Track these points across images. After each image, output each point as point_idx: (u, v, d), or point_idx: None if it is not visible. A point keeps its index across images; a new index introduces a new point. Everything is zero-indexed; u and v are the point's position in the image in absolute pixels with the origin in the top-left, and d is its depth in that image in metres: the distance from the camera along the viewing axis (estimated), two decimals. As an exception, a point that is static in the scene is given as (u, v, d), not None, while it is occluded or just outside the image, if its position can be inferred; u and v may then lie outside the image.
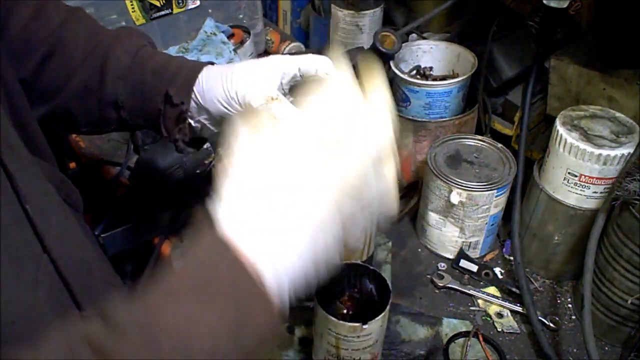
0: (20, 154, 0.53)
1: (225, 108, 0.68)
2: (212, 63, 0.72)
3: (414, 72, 1.15)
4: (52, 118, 0.73)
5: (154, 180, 1.04)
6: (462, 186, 0.93)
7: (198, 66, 0.71)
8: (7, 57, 0.64)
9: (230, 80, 0.67)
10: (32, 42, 0.70)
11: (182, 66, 0.71)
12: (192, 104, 0.70)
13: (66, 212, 0.61)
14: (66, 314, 0.54)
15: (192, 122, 0.71)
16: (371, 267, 0.81)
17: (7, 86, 0.58)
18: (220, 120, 0.70)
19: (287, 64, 0.68)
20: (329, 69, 0.67)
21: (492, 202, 0.95)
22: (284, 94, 0.69)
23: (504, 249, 1.05)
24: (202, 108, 0.70)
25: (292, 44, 1.42)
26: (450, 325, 0.91)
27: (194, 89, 0.69)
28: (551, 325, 0.91)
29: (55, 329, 0.42)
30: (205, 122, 0.71)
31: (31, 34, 0.70)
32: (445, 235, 1.01)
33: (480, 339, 0.87)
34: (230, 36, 1.30)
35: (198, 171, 1.08)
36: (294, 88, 0.69)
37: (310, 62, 0.68)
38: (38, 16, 0.71)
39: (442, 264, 1.02)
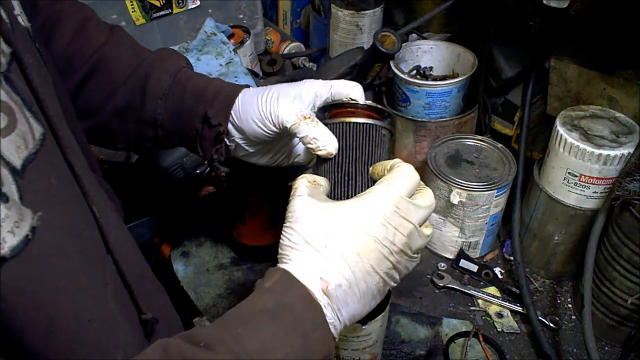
0: (81, 158, 0.55)
1: (260, 128, 0.70)
2: (247, 86, 0.75)
3: (414, 72, 1.15)
4: (92, 134, 0.76)
5: (155, 179, 1.05)
6: (462, 186, 0.93)
7: (236, 89, 0.73)
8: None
9: (265, 100, 0.69)
10: (74, 60, 0.74)
11: (221, 89, 0.73)
12: (229, 125, 0.72)
13: (117, 217, 0.63)
14: (130, 318, 0.56)
15: (227, 141, 0.74)
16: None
17: (62, 102, 0.60)
18: (255, 141, 0.73)
19: (320, 87, 0.71)
20: (359, 95, 0.69)
21: (492, 202, 0.95)
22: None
23: (504, 249, 1.05)
24: (238, 128, 0.72)
25: (292, 44, 1.42)
26: (450, 325, 0.91)
27: (231, 110, 0.72)
28: (551, 325, 0.91)
29: (154, 344, 0.47)
30: (240, 142, 0.74)
31: (74, 52, 0.74)
32: (445, 235, 1.01)
33: (480, 339, 0.87)
34: (230, 36, 1.30)
35: (198, 171, 1.08)
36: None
37: (342, 87, 0.70)
38: (80, 35, 0.74)
39: (442, 264, 1.02)
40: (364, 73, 1.08)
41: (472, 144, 1.02)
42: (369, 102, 0.65)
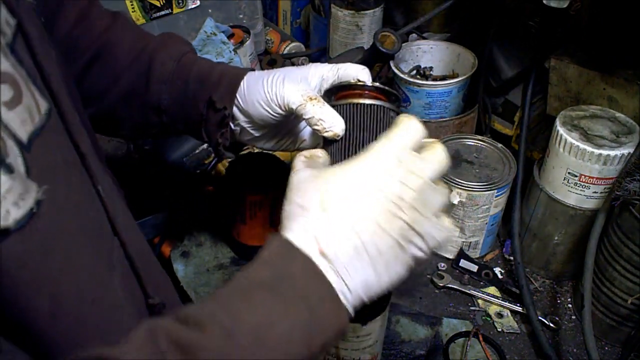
0: (86, 137, 0.54)
1: (266, 110, 0.69)
2: (252, 69, 0.74)
3: (414, 72, 1.15)
4: (97, 120, 0.75)
5: (155, 179, 1.05)
6: (462, 186, 0.93)
7: (241, 72, 0.72)
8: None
9: (271, 82, 0.68)
10: (77, 47, 0.73)
11: (225, 72, 0.72)
12: (234, 108, 0.72)
13: (123, 203, 0.62)
14: (136, 302, 0.55)
15: (232, 125, 0.73)
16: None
17: (67, 83, 0.60)
18: (261, 124, 0.72)
19: (327, 70, 0.70)
20: (366, 78, 0.67)
21: (492, 202, 0.95)
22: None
23: (504, 249, 1.05)
24: (244, 111, 0.71)
25: (292, 44, 1.42)
26: (450, 325, 0.91)
27: (236, 94, 0.71)
28: (551, 325, 0.91)
29: (138, 326, 0.43)
30: (246, 125, 0.73)
31: (76, 39, 0.73)
32: (445, 235, 1.01)
33: (480, 339, 0.87)
34: (230, 36, 1.30)
35: (198, 171, 1.08)
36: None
37: (350, 70, 0.69)
38: (82, 21, 0.73)
39: (442, 264, 1.02)
40: (364, 73, 1.08)
41: (472, 144, 1.02)
42: (376, 84, 0.63)
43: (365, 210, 0.49)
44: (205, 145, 1.06)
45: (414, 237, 0.50)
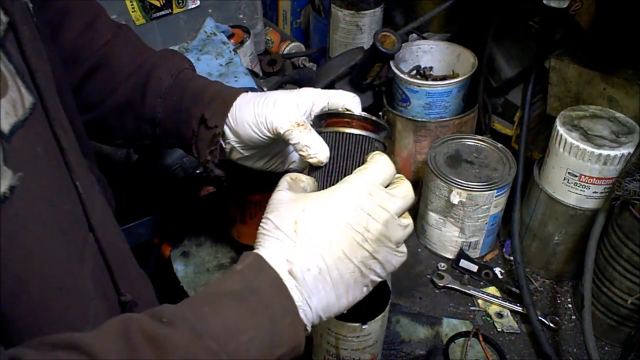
0: (70, 134, 0.56)
1: (255, 132, 0.71)
2: (246, 90, 0.76)
3: (414, 72, 1.15)
4: (91, 128, 0.77)
5: (155, 179, 1.05)
6: (462, 186, 0.93)
7: (235, 92, 0.74)
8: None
9: (261, 105, 0.70)
10: (80, 54, 0.76)
11: (220, 92, 0.74)
12: (225, 127, 0.73)
13: (104, 202, 0.64)
14: (108, 297, 0.57)
15: (223, 144, 0.75)
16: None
17: (59, 83, 0.62)
18: (250, 145, 0.74)
19: (318, 96, 0.72)
20: (355, 106, 0.69)
21: (492, 202, 0.95)
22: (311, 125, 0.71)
23: (504, 249, 1.05)
24: (234, 132, 0.73)
25: (292, 44, 1.42)
26: (450, 325, 0.91)
27: (228, 114, 0.72)
28: (551, 325, 0.91)
29: (112, 319, 0.46)
30: (236, 145, 0.74)
31: (81, 46, 0.76)
32: (445, 235, 1.01)
33: (480, 339, 0.87)
34: (230, 36, 1.30)
35: (198, 171, 1.08)
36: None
37: (340, 97, 0.71)
38: (88, 30, 0.76)
39: (442, 264, 1.02)
40: (364, 73, 1.08)
41: (472, 144, 1.02)
42: (364, 114, 0.65)
43: (333, 238, 0.54)
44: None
45: (374, 265, 0.56)
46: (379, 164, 0.59)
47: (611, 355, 0.88)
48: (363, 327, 0.72)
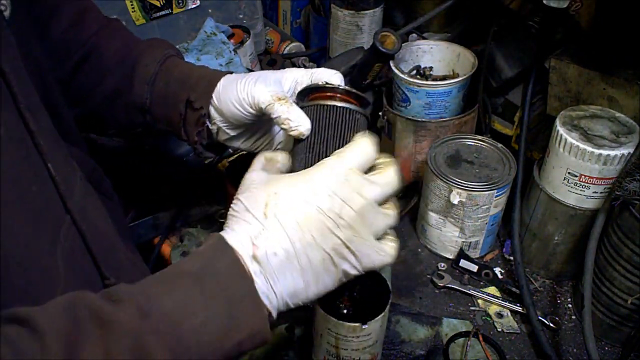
0: (44, 123, 0.57)
1: (238, 110, 0.71)
2: (231, 72, 0.77)
3: (414, 72, 1.15)
4: (84, 120, 0.79)
5: (156, 177, 1.05)
6: (462, 186, 0.93)
7: (218, 74, 0.75)
8: (48, 58, 0.70)
9: (244, 83, 0.70)
10: (70, 46, 0.78)
11: (204, 75, 0.76)
12: (211, 108, 0.74)
13: (89, 190, 0.64)
14: (88, 280, 0.57)
15: (209, 125, 0.76)
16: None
17: (43, 74, 0.63)
18: (236, 124, 0.74)
19: (301, 74, 0.72)
20: (337, 81, 0.69)
21: (492, 202, 0.95)
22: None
23: (504, 249, 1.05)
24: (218, 110, 0.74)
25: (292, 44, 1.42)
26: (450, 325, 0.91)
27: (212, 94, 0.73)
28: (551, 325, 0.91)
29: (62, 296, 0.46)
30: (222, 124, 0.75)
31: (70, 39, 0.78)
32: (445, 235, 1.01)
33: (480, 339, 0.87)
34: (230, 36, 1.30)
35: (198, 171, 1.08)
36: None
37: (322, 74, 0.71)
38: (78, 23, 0.78)
39: (442, 264, 1.02)
40: (364, 73, 1.08)
41: (472, 144, 1.02)
42: (346, 87, 0.65)
43: (304, 222, 0.52)
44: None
45: (347, 255, 0.53)
46: (359, 147, 0.56)
47: (611, 355, 0.88)
48: (363, 327, 0.72)
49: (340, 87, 0.65)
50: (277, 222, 0.52)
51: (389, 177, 0.56)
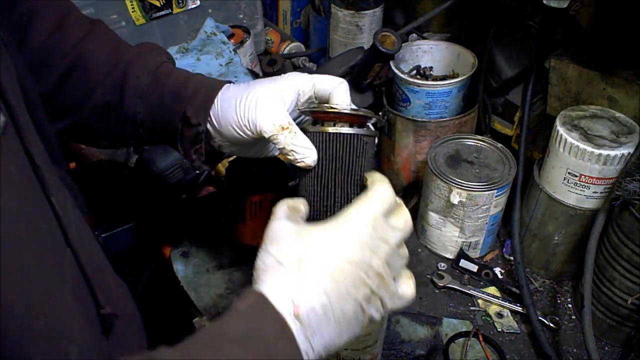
0: (41, 149, 0.55)
1: (239, 134, 0.69)
2: (229, 82, 0.73)
3: (414, 72, 1.15)
4: (74, 132, 0.75)
5: (154, 180, 1.05)
6: (462, 186, 0.93)
7: (215, 87, 0.72)
8: (28, 70, 0.64)
9: (243, 106, 0.68)
10: (52, 56, 0.72)
11: (200, 86, 0.72)
12: (209, 126, 0.71)
13: (78, 214, 0.62)
14: (88, 312, 0.55)
15: (210, 140, 0.73)
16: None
17: (26, 92, 0.59)
18: (236, 143, 0.71)
19: (303, 83, 0.69)
20: (342, 94, 0.67)
21: (492, 202, 0.95)
22: (297, 116, 0.69)
23: (504, 249, 1.05)
24: (218, 132, 0.71)
25: (292, 44, 1.42)
26: (450, 325, 0.91)
27: (210, 112, 0.70)
28: (551, 325, 0.91)
29: None
30: (222, 143, 0.73)
31: (52, 48, 0.72)
32: (445, 235, 1.01)
33: (480, 339, 0.87)
34: (230, 36, 1.30)
35: (198, 171, 1.07)
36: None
37: (326, 84, 0.68)
38: (59, 29, 0.72)
39: (442, 264, 1.02)
40: (364, 73, 1.08)
41: (472, 144, 1.02)
42: (349, 110, 0.63)
43: (338, 275, 0.52)
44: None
45: (375, 301, 0.54)
46: (380, 194, 0.57)
47: (611, 355, 0.88)
48: (363, 327, 0.72)
49: (344, 112, 0.62)
50: (313, 277, 0.52)
51: (405, 220, 0.58)
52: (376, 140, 0.65)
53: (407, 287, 0.59)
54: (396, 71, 1.06)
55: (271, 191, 0.92)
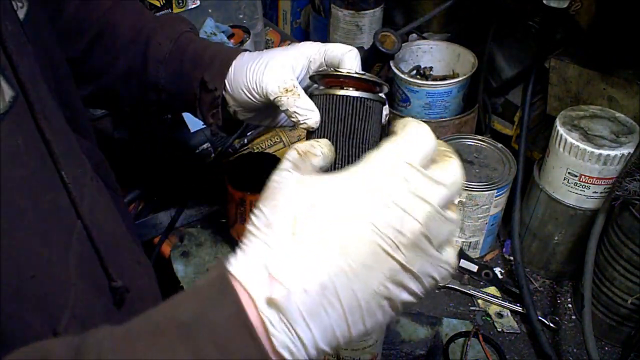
0: (58, 125, 0.56)
1: (249, 98, 0.70)
2: (246, 50, 0.75)
3: (414, 72, 1.15)
4: (98, 97, 0.79)
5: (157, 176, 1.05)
6: (462, 186, 0.93)
7: (232, 54, 0.73)
8: (61, 37, 0.69)
9: (253, 70, 0.69)
10: (83, 24, 0.76)
11: (218, 53, 0.74)
12: (224, 92, 0.73)
13: (99, 188, 0.64)
14: (96, 283, 0.56)
15: (226, 106, 0.74)
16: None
17: (55, 66, 0.61)
18: (251, 108, 0.73)
19: (315, 51, 0.70)
20: (352, 61, 0.67)
21: (492, 202, 0.95)
22: (309, 85, 0.69)
23: (504, 249, 1.05)
24: (232, 96, 0.73)
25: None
26: (450, 325, 0.91)
27: (225, 78, 0.72)
28: (551, 325, 0.91)
29: (28, 346, 0.39)
30: (236, 108, 0.74)
31: (83, 16, 0.76)
32: (445, 235, 1.01)
33: (480, 339, 0.87)
34: (230, 36, 1.30)
35: (197, 171, 1.08)
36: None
37: (337, 51, 0.69)
38: (87, 3, 0.76)
39: (442, 264, 1.02)
40: (364, 73, 1.08)
41: (472, 144, 1.02)
42: (356, 74, 0.60)
43: (349, 242, 0.38)
44: (205, 146, 1.06)
45: (407, 281, 0.40)
46: (416, 136, 0.42)
47: (611, 355, 0.88)
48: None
49: (352, 75, 0.59)
50: (311, 244, 0.39)
51: (455, 173, 0.43)
52: (385, 109, 0.62)
53: (448, 255, 0.43)
54: (396, 71, 1.06)
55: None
